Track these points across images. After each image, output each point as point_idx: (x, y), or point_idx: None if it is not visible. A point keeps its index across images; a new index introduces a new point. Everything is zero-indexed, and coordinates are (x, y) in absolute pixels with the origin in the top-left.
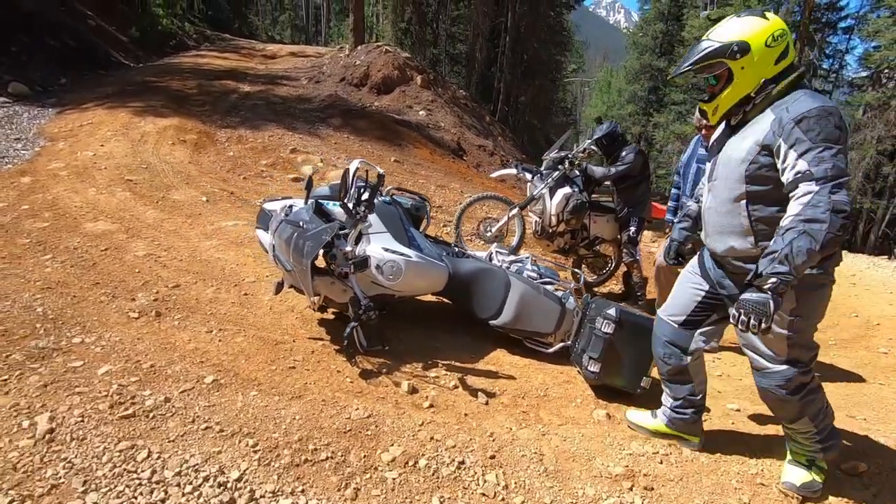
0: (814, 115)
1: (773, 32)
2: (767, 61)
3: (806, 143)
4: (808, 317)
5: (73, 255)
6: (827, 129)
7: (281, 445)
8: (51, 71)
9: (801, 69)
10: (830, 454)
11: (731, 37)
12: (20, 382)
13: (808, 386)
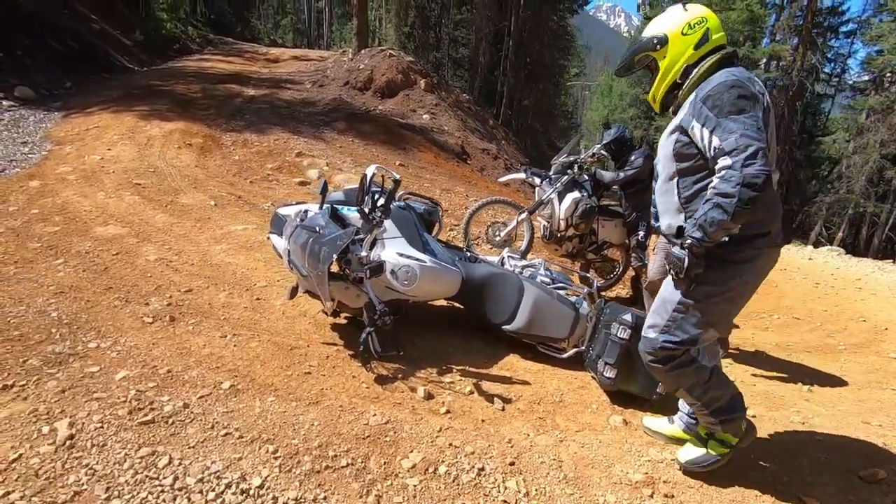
0: (717, 92)
1: (690, 21)
2: (686, 48)
3: (713, 119)
4: (714, 284)
5: (85, 260)
6: (730, 102)
7: (301, 452)
8: (56, 74)
9: (726, 51)
10: (730, 427)
11: (654, 31)
12: (38, 388)
13: (677, 359)
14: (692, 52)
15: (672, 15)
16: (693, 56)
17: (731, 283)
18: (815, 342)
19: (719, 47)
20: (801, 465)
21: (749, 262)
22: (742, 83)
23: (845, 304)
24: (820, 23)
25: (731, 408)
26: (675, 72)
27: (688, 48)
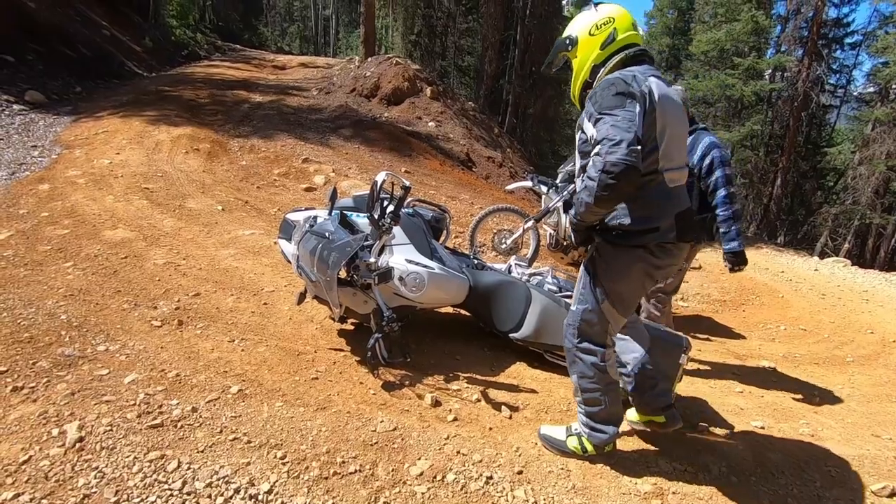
0: (599, 89)
1: (597, 22)
2: (593, 48)
3: (595, 114)
4: (611, 265)
5: (94, 263)
6: (607, 98)
7: (309, 458)
8: (66, 80)
9: (631, 51)
10: (595, 438)
11: (568, 32)
12: (48, 390)
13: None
14: (599, 51)
15: (583, 16)
16: (600, 56)
17: (627, 269)
18: (822, 354)
19: (628, 46)
20: (813, 479)
21: (641, 251)
22: (620, 81)
23: (852, 315)
24: (825, 34)
25: (605, 421)
26: (585, 71)
27: (594, 48)
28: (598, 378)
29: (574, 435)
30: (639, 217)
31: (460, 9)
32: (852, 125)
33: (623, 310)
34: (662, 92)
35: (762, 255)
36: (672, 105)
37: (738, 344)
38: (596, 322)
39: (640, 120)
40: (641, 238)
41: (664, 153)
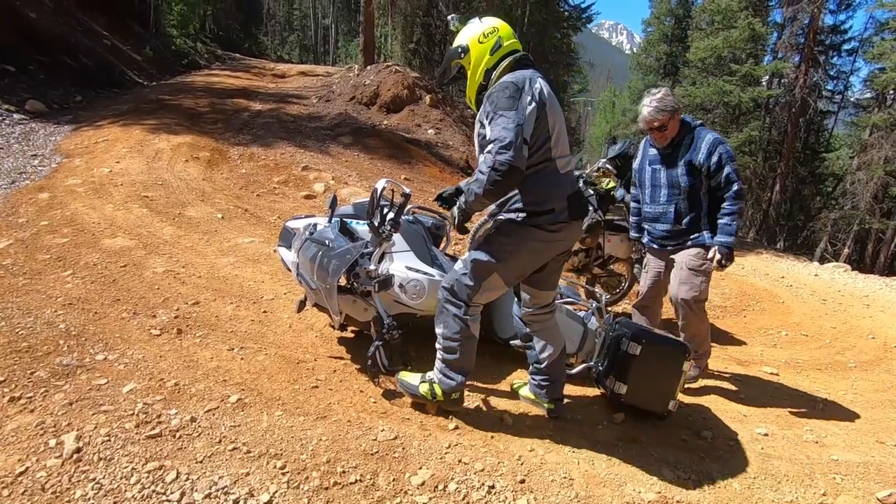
0: (494, 91)
1: (484, 31)
2: (483, 54)
3: (490, 113)
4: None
5: (93, 272)
6: (500, 100)
7: (309, 468)
8: (67, 89)
9: (517, 55)
10: (445, 384)
11: (459, 41)
12: (45, 400)
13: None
14: (489, 56)
15: (470, 27)
16: (490, 60)
17: (522, 245)
18: (824, 360)
19: (513, 52)
20: (818, 486)
21: (537, 230)
22: (513, 84)
23: (853, 321)
24: (822, 41)
25: (458, 370)
26: (478, 74)
27: (485, 54)
28: (460, 330)
29: (426, 382)
30: (535, 200)
31: None
32: (850, 131)
33: (509, 282)
34: (549, 91)
35: (762, 260)
36: (556, 103)
37: (740, 350)
38: (471, 286)
39: (533, 118)
40: (538, 219)
41: (555, 143)
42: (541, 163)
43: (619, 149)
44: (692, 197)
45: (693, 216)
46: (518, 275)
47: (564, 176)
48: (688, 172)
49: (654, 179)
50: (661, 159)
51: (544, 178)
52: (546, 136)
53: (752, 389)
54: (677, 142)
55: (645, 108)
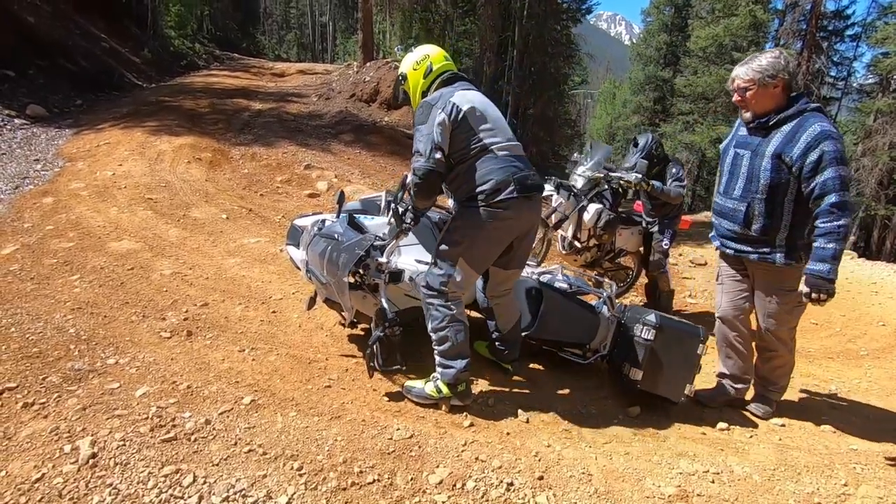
0: (417, 109)
1: (416, 59)
2: (418, 79)
3: (414, 129)
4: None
5: (101, 275)
6: (417, 118)
7: (326, 468)
8: (67, 93)
9: (444, 75)
10: (446, 375)
11: (400, 70)
12: (58, 405)
13: (436, 290)
14: (423, 80)
15: (407, 57)
16: (424, 83)
17: (481, 228)
18: (836, 348)
19: (443, 73)
20: (839, 476)
21: (491, 210)
22: (427, 103)
23: (863, 308)
24: (824, 27)
25: (455, 356)
26: (417, 96)
27: (419, 79)
28: (443, 317)
29: (431, 381)
30: (477, 183)
31: (457, 11)
32: (854, 117)
33: (478, 266)
34: (463, 98)
35: None
36: (475, 102)
37: None
38: (442, 273)
39: (444, 127)
40: (484, 199)
41: (488, 135)
42: (476, 153)
43: (643, 150)
44: (773, 199)
45: (767, 224)
46: (483, 257)
47: (504, 158)
48: (773, 168)
49: (733, 166)
50: (748, 143)
51: (483, 164)
52: (471, 133)
53: None
54: (773, 123)
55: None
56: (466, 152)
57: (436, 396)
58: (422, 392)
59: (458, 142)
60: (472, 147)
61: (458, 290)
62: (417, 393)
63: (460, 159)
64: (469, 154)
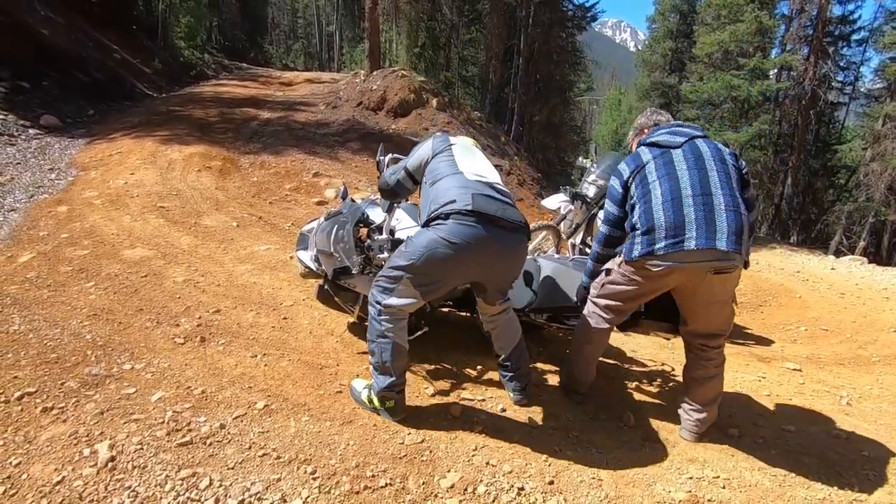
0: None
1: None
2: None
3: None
4: (405, 246)
5: (115, 282)
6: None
7: (339, 472)
8: (80, 103)
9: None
10: (377, 390)
11: None
12: (77, 410)
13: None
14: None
15: None
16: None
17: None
18: (846, 354)
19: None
20: (850, 483)
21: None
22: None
23: (874, 314)
24: (831, 32)
25: (382, 372)
26: None
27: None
28: (376, 332)
29: (367, 388)
30: (442, 200)
31: (463, 20)
32: (862, 122)
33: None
34: (459, 139)
35: (776, 255)
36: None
37: (760, 346)
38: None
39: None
40: (440, 215)
41: (464, 165)
42: (448, 174)
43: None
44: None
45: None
46: (429, 282)
47: (474, 183)
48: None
49: None
50: None
51: (448, 181)
52: (451, 160)
53: (776, 386)
54: None
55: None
56: (435, 175)
57: (366, 405)
58: (358, 395)
59: (433, 167)
60: (442, 170)
61: (393, 310)
62: (354, 395)
63: (430, 182)
64: (436, 177)
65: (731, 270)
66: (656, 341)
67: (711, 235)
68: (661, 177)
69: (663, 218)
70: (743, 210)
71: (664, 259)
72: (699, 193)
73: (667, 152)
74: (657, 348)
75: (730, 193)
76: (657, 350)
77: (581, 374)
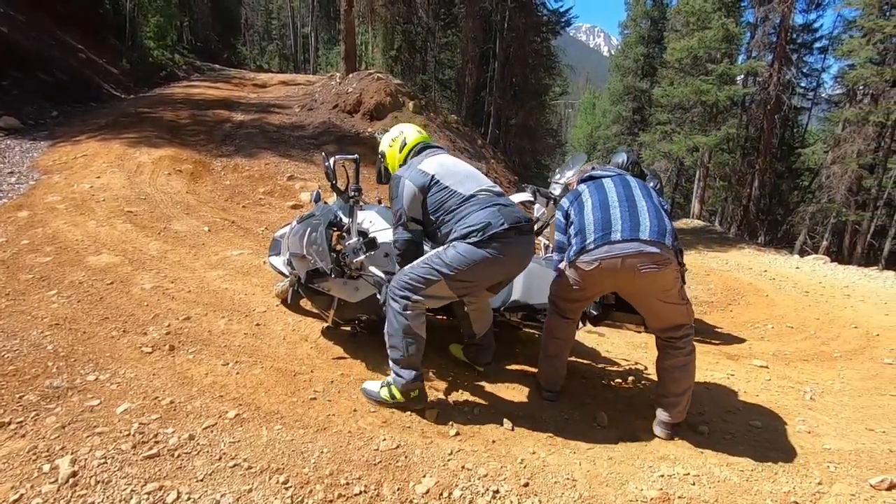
0: (391, 181)
1: (392, 137)
2: (394, 154)
3: (391, 196)
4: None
5: (79, 290)
6: (390, 192)
7: (312, 481)
8: (42, 104)
9: (418, 146)
10: (398, 382)
11: (380, 148)
12: (36, 424)
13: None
14: (399, 154)
15: (385, 136)
16: (400, 158)
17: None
18: (810, 350)
19: (418, 144)
20: (813, 475)
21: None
22: (397, 177)
23: (836, 311)
24: (794, 39)
25: (406, 366)
26: (395, 170)
27: (395, 153)
28: (401, 326)
29: (385, 386)
30: (471, 225)
31: (439, 24)
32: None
33: (458, 292)
34: (431, 163)
35: (745, 255)
36: (444, 163)
37: (729, 344)
38: (415, 285)
39: (413, 199)
40: (480, 235)
41: (462, 187)
42: (459, 203)
43: (626, 160)
44: None
45: None
46: (465, 286)
47: (486, 199)
48: None
49: None
50: None
51: (466, 209)
52: (447, 190)
53: (744, 383)
54: None
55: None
56: (448, 206)
57: (389, 401)
58: (377, 395)
59: (436, 201)
60: (452, 200)
61: (420, 304)
62: (373, 395)
63: (444, 212)
64: (451, 207)
65: (657, 268)
66: (630, 341)
67: (636, 228)
68: (592, 194)
69: (593, 219)
70: (666, 217)
71: (593, 252)
72: (624, 200)
73: (599, 180)
74: (631, 348)
75: (652, 202)
76: (631, 350)
77: (550, 369)
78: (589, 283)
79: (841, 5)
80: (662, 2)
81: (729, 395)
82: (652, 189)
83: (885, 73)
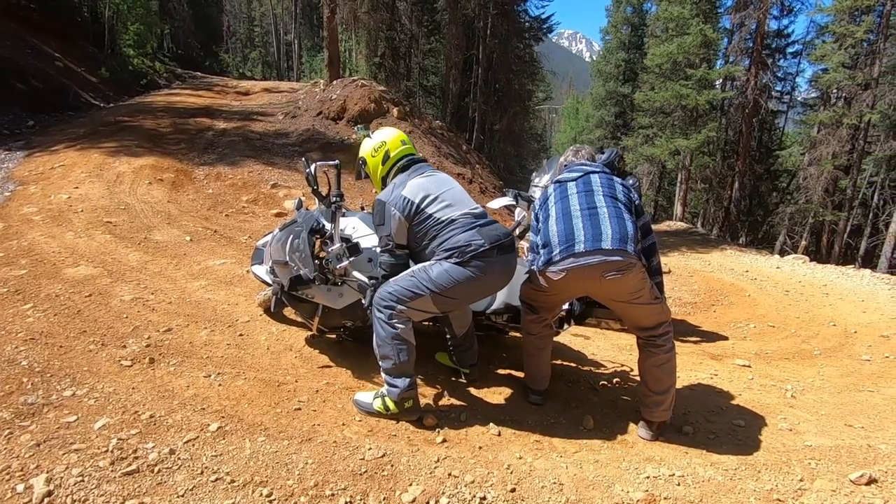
0: (375, 206)
1: (374, 146)
2: (377, 166)
3: (375, 222)
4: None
5: (56, 303)
6: (375, 216)
7: (297, 493)
8: (17, 114)
9: (402, 162)
10: (391, 393)
11: (360, 153)
12: (10, 443)
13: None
14: (381, 166)
15: (365, 142)
16: (383, 169)
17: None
18: (791, 349)
19: (401, 159)
20: (795, 472)
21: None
22: (381, 202)
23: (815, 310)
24: (769, 45)
25: (398, 374)
26: (377, 182)
27: (378, 165)
28: (390, 335)
29: (379, 397)
30: (454, 246)
31: (422, 30)
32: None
33: (441, 308)
34: (415, 188)
35: (727, 256)
36: (428, 188)
37: (712, 344)
38: (400, 296)
39: (399, 224)
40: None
41: (445, 212)
42: (442, 227)
43: (607, 158)
44: None
45: None
46: (448, 302)
47: (467, 221)
48: None
49: None
50: None
51: (449, 232)
52: (430, 217)
53: (727, 382)
54: None
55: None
56: (431, 233)
57: (383, 413)
58: (369, 407)
59: (421, 226)
60: (436, 227)
61: (407, 314)
62: (365, 408)
63: (428, 238)
64: (433, 233)
65: (620, 274)
66: (615, 344)
67: (597, 238)
68: (556, 202)
69: (556, 231)
70: (628, 219)
71: (560, 264)
72: (586, 209)
73: (564, 185)
74: (616, 350)
75: (613, 206)
76: (616, 352)
77: (533, 370)
78: (558, 289)
79: (813, 11)
80: (642, 8)
81: (713, 395)
82: (623, 186)
83: (857, 77)
